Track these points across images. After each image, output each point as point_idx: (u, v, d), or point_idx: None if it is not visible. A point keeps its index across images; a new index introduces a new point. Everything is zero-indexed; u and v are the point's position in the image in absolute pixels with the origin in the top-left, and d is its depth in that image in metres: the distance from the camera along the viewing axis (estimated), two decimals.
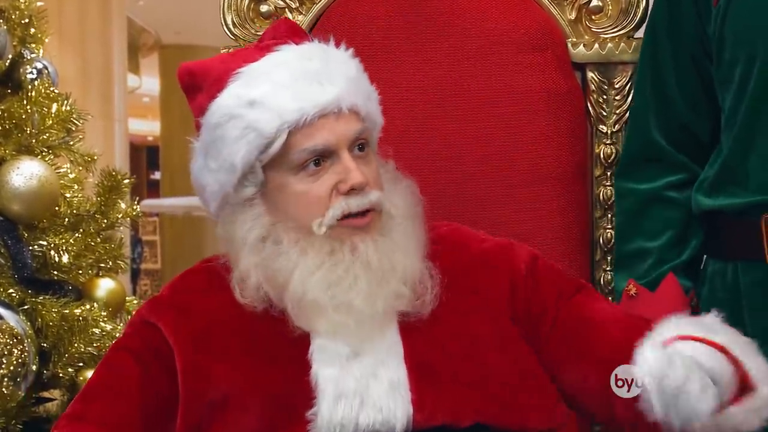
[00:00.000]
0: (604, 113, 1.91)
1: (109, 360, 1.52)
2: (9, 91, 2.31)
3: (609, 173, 1.89)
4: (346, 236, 1.44)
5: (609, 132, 1.91)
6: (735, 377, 1.34)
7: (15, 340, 2.08)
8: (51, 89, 2.30)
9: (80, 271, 2.28)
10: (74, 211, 2.33)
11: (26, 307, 2.16)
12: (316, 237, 1.44)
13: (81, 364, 2.18)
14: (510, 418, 1.43)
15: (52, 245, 2.24)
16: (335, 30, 1.87)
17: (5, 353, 2.07)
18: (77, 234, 2.30)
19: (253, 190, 1.47)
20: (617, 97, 1.90)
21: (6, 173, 2.16)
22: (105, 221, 2.37)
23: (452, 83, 1.88)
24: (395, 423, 1.39)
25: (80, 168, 2.38)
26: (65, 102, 2.30)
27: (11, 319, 2.10)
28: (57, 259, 2.23)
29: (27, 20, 2.38)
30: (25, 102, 2.25)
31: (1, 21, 2.28)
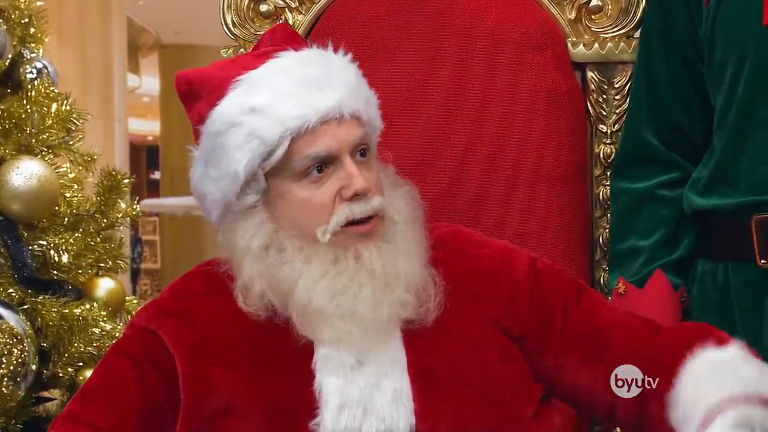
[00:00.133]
0: (604, 113, 1.91)
1: (108, 361, 1.51)
2: (9, 91, 2.31)
3: (609, 173, 1.89)
4: (350, 243, 1.43)
5: (609, 132, 1.91)
6: None
7: (15, 340, 2.08)
8: (51, 89, 2.30)
9: (80, 271, 2.28)
10: (74, 211, 2.32)
11: (26, 307, 2.15)
12: (320, 245, 1.42)
13: (81, 364, 2.18)
14: (512, 429, 1.42)
15: (52, 245, 2.23)
16: (335, 30, 1.88)
17: (5, 353, 2.07)
18: (77, 234, 2.30)
19: (256, 198, 1.46)
20: (617, 97, 1.90)
21: (6, 173, 2.16)
22: (105, 221, 2.36)
23: (454, 83, 1.87)
24: None
25: (80, 168, 2.38)
26: (65, 102, 2.30)
27: (11, 319, 2.09)
28: (57, 259, 2.23)
29: (27, 20, 2.38)
30: (25, 102, 2.25)
31: (1, 21, 2.28)
